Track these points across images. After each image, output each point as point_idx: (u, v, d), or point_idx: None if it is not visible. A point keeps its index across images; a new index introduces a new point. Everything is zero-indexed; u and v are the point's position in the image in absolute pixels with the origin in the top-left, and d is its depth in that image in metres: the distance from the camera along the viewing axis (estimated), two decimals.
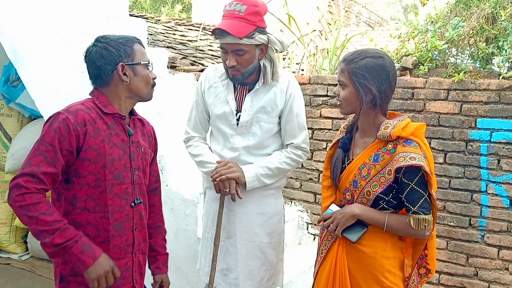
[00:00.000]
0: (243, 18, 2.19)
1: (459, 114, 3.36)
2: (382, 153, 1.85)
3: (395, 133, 1.80)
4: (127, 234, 1.90)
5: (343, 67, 1.89)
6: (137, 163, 1.95)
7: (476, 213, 3.33)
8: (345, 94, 1.90)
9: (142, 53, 1.93)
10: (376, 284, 1.88)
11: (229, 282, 2.43)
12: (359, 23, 9.99)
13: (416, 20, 4.18)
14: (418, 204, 1.81)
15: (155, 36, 5.29)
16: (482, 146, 3.28)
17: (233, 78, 2.32)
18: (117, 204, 1.86)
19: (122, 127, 1.92)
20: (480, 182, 3.31)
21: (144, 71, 1.92)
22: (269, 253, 2.45)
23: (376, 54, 1.86)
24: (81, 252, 1.72)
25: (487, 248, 3.30)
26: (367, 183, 1.86)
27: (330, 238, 2.03)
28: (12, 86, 4.11)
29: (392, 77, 1.85)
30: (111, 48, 1.86)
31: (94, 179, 1.81)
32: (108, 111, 1.87)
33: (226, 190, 2.30)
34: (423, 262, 2.00)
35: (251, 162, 2.38)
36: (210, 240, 2.45)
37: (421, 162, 1.76)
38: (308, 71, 4.72)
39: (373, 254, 1.89)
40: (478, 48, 3.48)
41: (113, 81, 1.88)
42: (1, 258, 4.22)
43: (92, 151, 1.80)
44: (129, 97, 1.93)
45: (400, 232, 1.88)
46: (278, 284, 2.56)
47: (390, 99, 1.89)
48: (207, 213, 2.54)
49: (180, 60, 4.54)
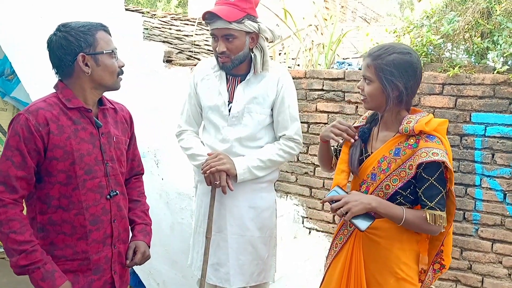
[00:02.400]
0: (233, 4, 2.23)
1: (454, 109, 3.37)
2: (403, 147, 1.83)
3: (418, 127, 1.78)
4: (104, 227, 1.87)
5: (369, 63, 1.85)
6: (110, 154, 1.90)
7: (470, 207, 3.35)
8: (371, 89, 1.86)
9: (107, 41, 1.84)
10: (391, 276, 1.87)
11: (220, 277, 2.43)
12: (355, 18, 9.99)
13: (411, 16, 4.18)
14: (436, 200, 1.79)
15: (151, 31, 5.28)
16: (476, 140, 3.29)
17: (223, 66, 2.32)
18: (91, 199, 1.82)
19: (90, 120, 1.85)
20: (474, 176, 3.33)
21: (108, 61, 1.83)
22: (260, 247, 2.44)
23: (404, 50, 1.83)
24: (41, 279, 1.70)
25: (481, 242, 3.32)
26: (387, 177, 1.85)
27: (346, 233, 2.01)
28: (7, 79, 4.10)
29: (419, 73, 1.84)
30: (70, 38, 1.76)
31: (64, 177, 1.77)
32: (72, 105, 1.80)
33: (216, 183, 2.29)
34: (438, 258, 1.98)
35: (243, 154, 2.36)
36: (202, 234, 2.44)
37: (444, 158, 1.74)
38: (304, 66, 4.73)
39: (389, 246, 1.88)
40: (473, 42, 3.49)
41: (75, 72, 1.80)
42: None
43: (58, 149, 1.74)
44: (93, 88, 1.85)
45: (414, 227, 1.86)
46: (269, 279, 2.55)
47: (415, 95, 1.88)
48: (198, 207, 2.53)
49: (176, 55, 4.54)
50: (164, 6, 14.10)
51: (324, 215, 3.95)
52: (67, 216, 1.78)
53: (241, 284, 2.43)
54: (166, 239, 3.13)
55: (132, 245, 2.01)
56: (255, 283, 2.48)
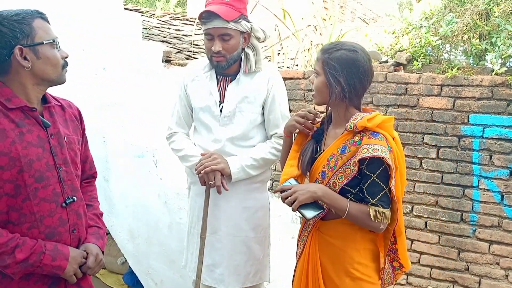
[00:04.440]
0: (228, 4, 2.23)
1: (452, 110, 3.38)
2: (349, 144, 1.85)
3: (361, 123, 1.80)
4: (63, 239, 1.66)
5: (319, 56, 1.90)
6: (62, 157, 1.68)
7: (468, 208, 3.35)
8: (317, 83, 1.90)
9: (46, 30, 1.62)
10: (346, 276, 1.89)
11: (215, 278, 2.42)
12: (354, 18, 9.99)
13: (410, 16, 4.19)
14: (378, 197, 1.80)
15: (150, 30, 5.28)
16: (474, 142, 3.30)
17: (217, 66, 2.32)
18: (46, 210, 1.61)
19: (35, 120, 1.63)
20: (472, 177, 3.34)
21: (49, 52, 1.61)
22: (254, 248, 2.44)
23: (351, 48, 1.86)
24: (52, 260, 1.59)
25: (478, 243, 3.33)
26: (334, 174, 1.87)
27: (306, 234, 2.03)
28: None
29: (363, 72, 1.84)
30: (4, 29, 1.53)
31: (12, 188, 1.54)
32: (13, 105, 1.57)
33: (211, 183, 2.28)
34: (395, 256, 2.00)
35: (235, 154, 2.36)
36: (196, 236, 2.43)
37: (384, 154, 1.75)
38: (302, 66, 4.73)
39: (343, 247, 1.90)
40: (472, 44, 3.50)
41: (13, 68, 1.57)
42: None
43: (2, 156, 1.51)
44: (36, 84, 1.62)
45: (358, 222, 1.86)
46: (265, 279, 2.54)
47: (361, 94, 1.88)
48: (192, 209, 2.52)
49: (175, 54, 4.54)
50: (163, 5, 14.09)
51: None
52: (18, 230, 1.56)
53: (237, 285, 2.42)
54: (164, 239, 3.13)
55: (82, 248, 1.73)
56: (251, 284, 2.48)
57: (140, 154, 3.19)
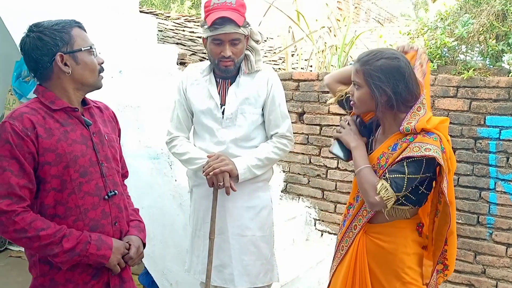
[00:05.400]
0: (235, 9, 2.29)
1: (468, 112, 3.35)
2: (401, 142, 1.84)
3: (420, 126, 1.78)
4: (106, 231, 1.77)
5: (358, 68, 1.87)
6: (104, 154, 1.81)
7: (484, 211, 3.32)
8: (360, 94, 1.88)
9: (83, 38, 1.75)
10: (397, 280, 1.89)
11: (224, 278, 2.44)
12: (369, 19, 9.94)
13: (426, 17, 4.16)
14: (394, 175, 1.78)
15: (165, 33, 5.32)
16: (491, 144, 3.27)
17: (225, 70, 2.36)
18: (89, 203, 1.73)
19: (78, 120, 1.76)
20: (488, 179, 3.30)
21: (87, 58, 1.74)
22: (262, 247, 2.47)
23: (391, 56, 1.83)
24: (97, 250, 1.69)
25: (495, 246, 3.30)
26: (384, 171, 1.85)
27: (351, 235, 2.02)
28: (23, 81, 4.17)
29: (408, 78, 1.81)
30: (46, 38, 1.66)
31: (59, 183, 1.67)
32: (57, 107, 1.70)
33: (220, 184, 2.31)
34: (442, 258, 1.97)
35: (239, 155, 2.40)
36: (202, 238, 2.46)
37: (436, 154, 1.73)
38: (316, 68, 4.73)
39: (393, 250, 1.90)
40: (488, 45, 3.47)
41: (54, 74, 1.70)
42: (13, 251, 4.29)
43: (49, 153, 1.64)
44: (76, 89, 1.75)
45: (362, 187, 1.88)
46: (274, 279, 2.56)
47: (408, 100, 1.85)
48: (196, 212, 2.54)
49: (189, 57, 4.57)
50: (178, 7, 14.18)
51: (336, 217, 3.95)
52: (65, 223, 1.68)
53: (247, 285, 2.44)
54: (180, 240, 3.15)
55: (125, 240, 1.85)
56: (262, 284, 2.49)
57: (155, 156, 3.22)
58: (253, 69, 2.41)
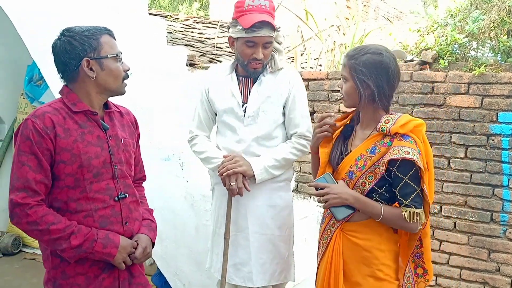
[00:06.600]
0: (269, 12, 2.33)
1: (480, 108, 3.32)
2: (379, 145, 1.88)
3: (394, 129, 1.84)
4: (116, 229, 1.84)
5: (345, 62, 1.94)
6: (118, 157, 1.88)
7: (497, 208, 3.29)
8: (346, 88, 1.95)
9: (111, 45, 1.84)
10: (371, 276, 1.93)
11: (242, 276, 2.45)
12: (378, 17, 9.88)
13: (435, 14, 4.13)
14: (411, 198, 1.84)
15: (174, 34, 5.34)
16: (503, 140, 3.24)
17: (254, 72, 2.39)
18: (100, 201, 1.81)
19: (96, 123, 1.85)
20: (501, 176, 3.27)
21: (113, 65, 1.83)
22: (280, 246, 2.48)
23: (376, 51, 1.89)
24: (103, 248, 1.75)
25: (509, 243, 3.27)
26: (363, 174, 1.90)
27: (329, 233, 2.05)
28: (35, 85, 4.21)
29: (392, 74, 1.88)
30: (75, 42, 1.76)
31: (72, 180, 1.76)
32: (77, 109, 1.80)
33: (232, 184, 2.33)
34: (420, 261, 2.03)
35: (260, 154, 2.42)
36: (222, 236, 2.48)
37: (414, 157, 1.79)
38: (326, 67, 4.72)
39: (368, 248, 1.93)
40: (499, 41, 3.43)
41: (80, 77, 1.80)
42: (27, 253, 4.34)
43: (65, 152, 1.74)
44: (99, 93, 1.84)
45: (393, 224, 1.92)
46: (290, 278, 2.57)
47: (390, 95, 1.92)
48: (217, 209, 2.56)
49: (198, 58, 4.59)
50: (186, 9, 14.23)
51: None
52: (75, 218, 1.76)
53: (263, 283, 2.45)
54: (192, 241, 3.16)
55: (134, 238, 1.92)
56: (277, 282, 2.50)
57: (166, 157, 3.24)
58: (277, 67, 2.44)
